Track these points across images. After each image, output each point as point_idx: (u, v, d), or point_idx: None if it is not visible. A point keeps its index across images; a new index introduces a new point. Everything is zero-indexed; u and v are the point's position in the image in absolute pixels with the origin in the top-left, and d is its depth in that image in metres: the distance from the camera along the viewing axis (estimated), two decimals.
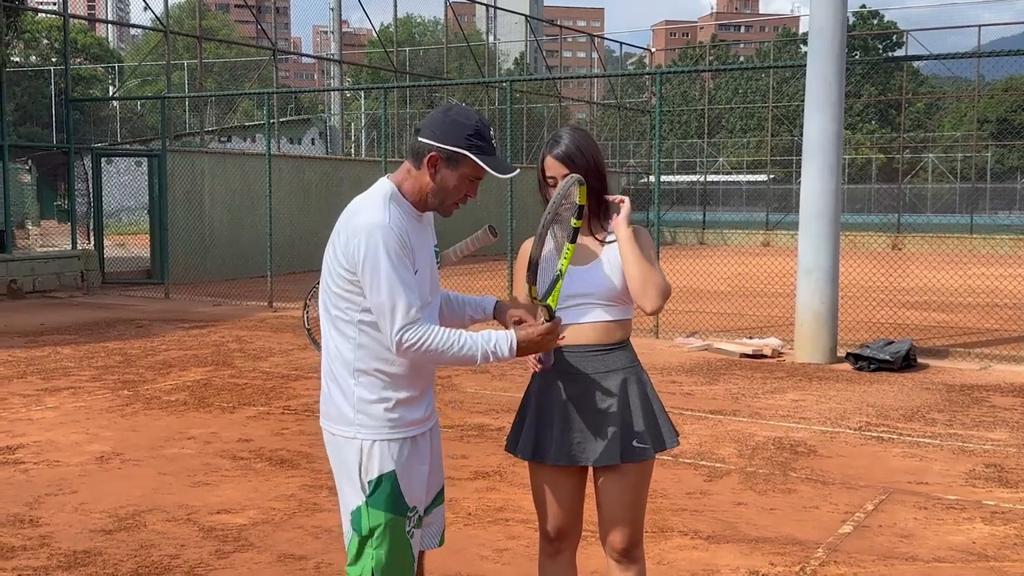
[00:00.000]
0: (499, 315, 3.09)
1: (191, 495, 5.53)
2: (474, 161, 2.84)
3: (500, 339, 2.82)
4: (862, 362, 9.60)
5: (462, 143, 2.83)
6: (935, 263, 18.34)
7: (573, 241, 2.92)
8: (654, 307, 3.09)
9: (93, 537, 4.85)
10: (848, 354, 9.84)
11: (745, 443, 6.78)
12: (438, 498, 3.10)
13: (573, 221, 2.90)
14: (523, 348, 2.84)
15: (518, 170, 2.97)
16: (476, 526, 5.06)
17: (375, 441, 2.87)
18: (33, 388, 8.54)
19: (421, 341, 2.77)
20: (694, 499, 5.53)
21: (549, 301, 2.86)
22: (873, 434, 7.07)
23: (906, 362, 9.61)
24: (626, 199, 3.13)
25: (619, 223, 3.13)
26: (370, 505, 2.87)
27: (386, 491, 2.87)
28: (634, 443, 3.07)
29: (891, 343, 9.89)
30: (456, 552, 4.68)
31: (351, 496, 2.91)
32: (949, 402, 8.19)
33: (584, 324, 3.10)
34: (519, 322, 2.97)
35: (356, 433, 2.88)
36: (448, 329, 2.83)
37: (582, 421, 3.09)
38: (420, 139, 2.88)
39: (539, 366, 3.02)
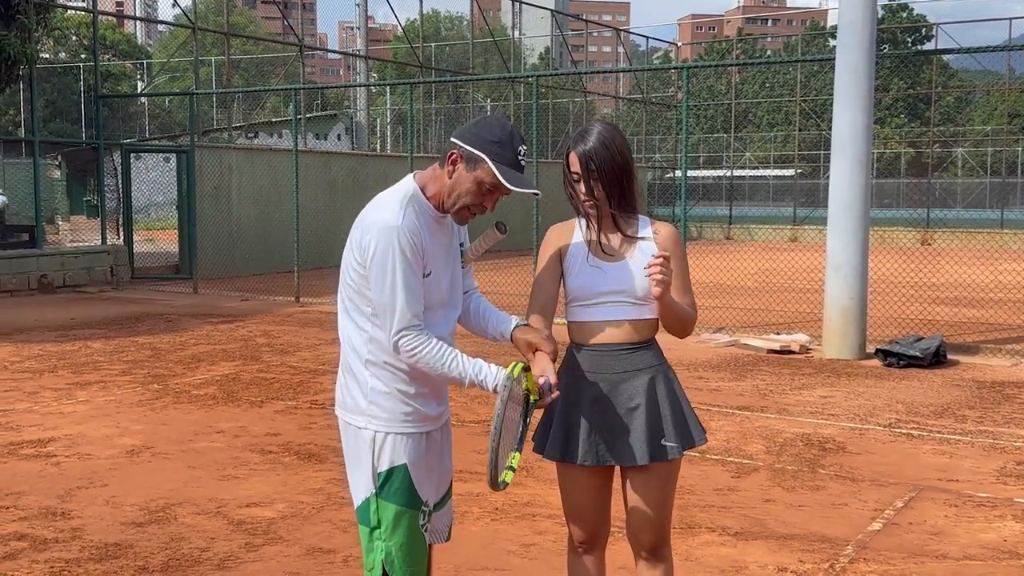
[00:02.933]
0: (516, 337, 3.03)
1: (220, 488, 5.57)
2: (488, 166, 2.84)
3: (488, 375, 2.85)
4: (891, 358, 9.53)
5: (483, 146, 2.85)
6: (965, 258, 18.15)
7: (528, 370, 2.91)
8: (684, 337, 3.22)
9: (124, 530, 4.90)
10: (877, 350, 9.77)
11: (773, 439, 6.75)
12: (447, 495, 3.13)
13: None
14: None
15: (535, 191, 2.94)
16: (503, 521, 5.07)
17: (388, 433, 2.90)
18: (64, 382, 8.63)
19: (416, 350, 2.82)
20: (722, 495, 5.51)
21: (533, 395, 2.88)
22: (903, 431, 7.02)
23: (936, 358, 9.52)
24: (657, 270, 2.93)
25: (657, 297, 3.00)
26: (380, 497, 2.90)
27: (397, 484, 2.90)
28: (663, 442, 3.05)
29: (921, 339, 9.80)
30: (484, 547, 4.69)
31: (361, 487, 2.94)
32: (980, 399, 8.12)
33: (612, 323, 3.07)
34: (536, 351, 2.95)
35: (368, 424, 2.91)
36: (445, 346, 2.85)
37: (610, 421, 3.07)
38: (450, 139, 2.93)
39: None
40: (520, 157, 2.90)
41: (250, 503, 5.33)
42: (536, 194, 2.94)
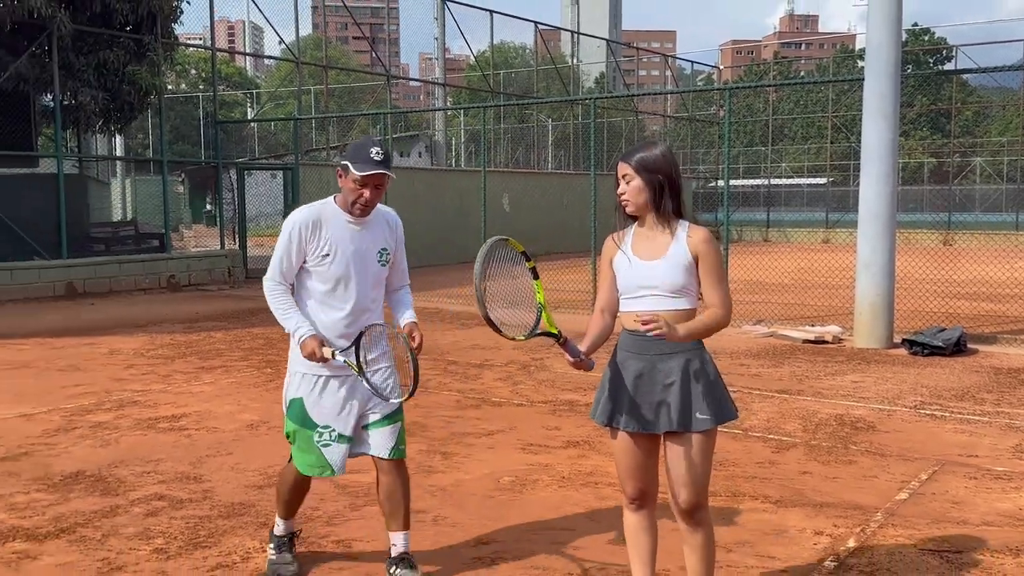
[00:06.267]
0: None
1: None
2: (349, 168, 3.54)
3: (300, 331, 3.59)
4: (916, 347, 9.36)
5: (346, 158, 3.59)
6: (984, 258, 17.66)
7: (537, 278, 3.20)
8: (727, 323, 3.22)
9: (247, 491, 5.05)
10: (903, 340, 9.60)
11: (809, 419, 6.69)
12: (387, 419, 3.81)
13: (528, 264, 3.21)
14: (303, 347, 3.56)
15: (383, 171, 3.53)
16: (569, 488, 5.12)
17: (294, 374, 3.74)
18: (192, 367, 8.88)
19: (269, 293, 3.67)
20: (763, 468, 5.49)
21: (551, 328, 3.12)
22: (927, 412, 6.91)
23: (957, 347, 9.33)
24: (655, 324, 2.96)
25: (674, 336, 3.04)
26: (288, 417, 3.79)
27: (295, 410, 3.74)
28: (697, 415, 3.13)
29: (943, 330, 9.61)
30: (553, 509, 4.76)
31: (284, 408, 3.80)
32: (997, 384, 7.94)
33: (651, 312, 3.14)
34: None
35: (290, 367, 3.77)
36: (287, 303, 3.64)
37: (650, 394, 3.16)
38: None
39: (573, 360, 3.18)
40: (372, 154, 3.55)
41: (352, 470, 5.39)
42: (384, 174, 3.54)
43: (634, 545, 3.32)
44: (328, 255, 3.61)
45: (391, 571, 3.78)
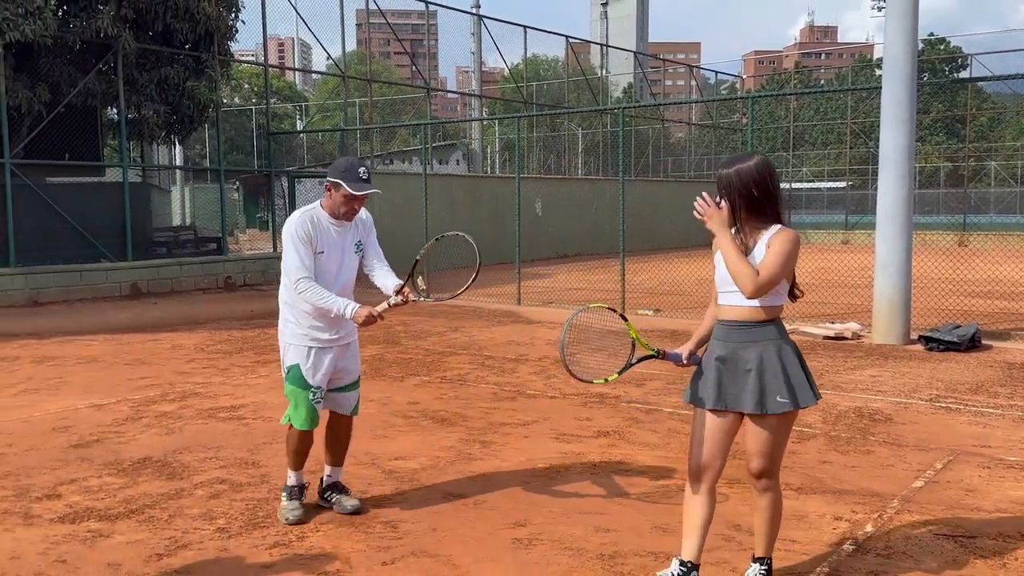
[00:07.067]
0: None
1: (374, 445, 5.79)
2: (342, 185, 4.10)
3: (343, 309, 4.12)
4: (932, 343, 9.26)
5: (336, 175, 4.14)
6: (998, 257, 17.37)
7: (626, 320, 3.54)
8: (748, 294, 3.26)
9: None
10: (920, 336, 9.50)
11: (829, 412, 6.66)
12: (352, 386, 4.49)
13: (616, 312, 3.56)
14: (358, 317, 4.10)
15: (373, 190, 4.12)
16: (601, 475, 5.14)
17: (290, 345, 4.30)
18: (249, 360, 9.03)
19: (305, 291, 4.14)
20: (785, 457, 5.36)
21: (648, 352, 3.42)
22: (942, 405, 6.84)
23: (972, 343, 9.21)
24: (711, 212, 3.29)
25: (717, 233, 3.30)
26: (287, 381, 4.34)
27: (294, 375, 4.29)
28: (776, 398, 3.28)
29: (958, 327, 9.49)
30: (584, 495, 4.78)
31: (283, 375, 4.35)
32: (1010, 378, 7.83)
33: (735, 306, 3.34)
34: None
35: (283, 339, 4.34)
36: (323, 290, 4.13)
37: (732, 378, 3.34)
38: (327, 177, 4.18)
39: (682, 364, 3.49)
40: (360, 174, 4.12)
41: (397, 457, 5.53)
42: (377, 192, 4.19)
43: (689, 513, 3.46)
44: (322, 252, 4.21)
45: (327, 496, 4.50)
